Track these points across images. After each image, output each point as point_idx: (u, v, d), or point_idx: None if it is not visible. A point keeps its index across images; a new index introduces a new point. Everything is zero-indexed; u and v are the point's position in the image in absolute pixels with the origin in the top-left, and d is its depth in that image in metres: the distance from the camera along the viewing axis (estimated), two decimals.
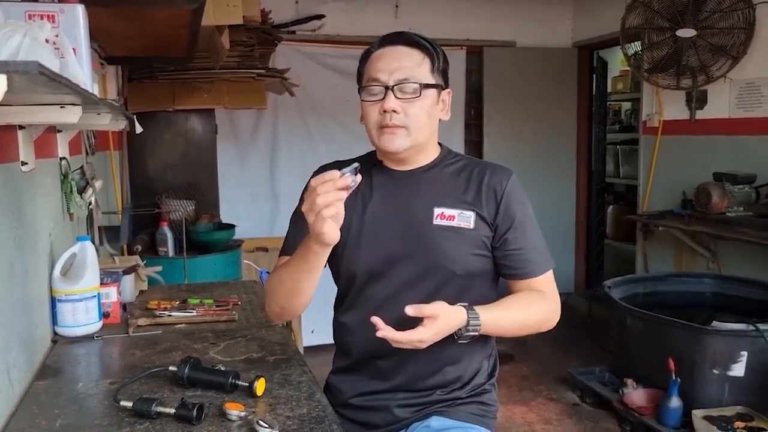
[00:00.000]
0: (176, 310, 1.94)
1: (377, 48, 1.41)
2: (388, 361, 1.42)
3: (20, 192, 1.47)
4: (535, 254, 1.42)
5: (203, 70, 3.47)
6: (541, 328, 1.43)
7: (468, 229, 1.38)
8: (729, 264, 3.77)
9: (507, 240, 1.40)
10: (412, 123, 1.36)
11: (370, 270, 1.41)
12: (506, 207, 1.40)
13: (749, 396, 2.89)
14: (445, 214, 1.38)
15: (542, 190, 5.08)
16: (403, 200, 1.41)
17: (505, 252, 1.41)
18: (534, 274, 1.42)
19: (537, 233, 1.44)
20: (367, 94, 1.38)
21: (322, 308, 1.51)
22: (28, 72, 0.62)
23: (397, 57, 1.38)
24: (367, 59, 1.42)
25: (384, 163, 1.47)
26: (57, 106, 1.10)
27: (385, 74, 1.35)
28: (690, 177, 3.90)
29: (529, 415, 3.38)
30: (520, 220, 1.41)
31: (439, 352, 1.39)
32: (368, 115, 1.38)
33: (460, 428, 1.41)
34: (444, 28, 4.80)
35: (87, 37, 1.27)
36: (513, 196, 1.41)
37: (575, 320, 4.75)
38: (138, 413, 1.22)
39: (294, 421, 1.22)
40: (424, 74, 1.38)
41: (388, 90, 1.34)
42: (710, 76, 3.73)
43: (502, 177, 1.43)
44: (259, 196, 4.54)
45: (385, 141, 1.37)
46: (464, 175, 1.44)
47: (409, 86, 1.35)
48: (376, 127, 1.37)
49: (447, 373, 1.44)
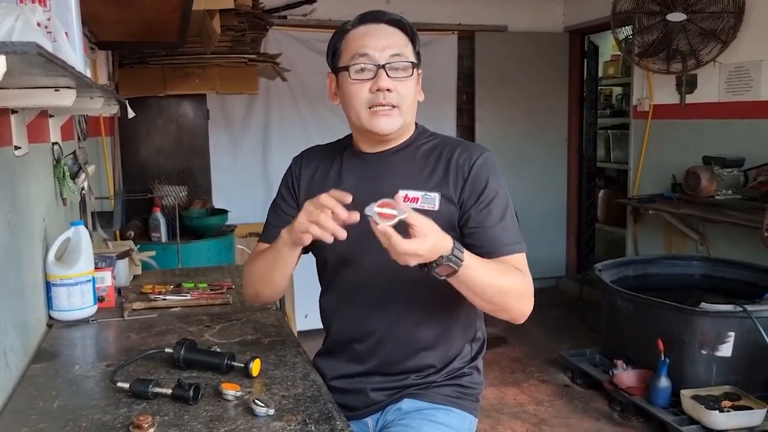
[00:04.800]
0: (171, 294, 1.95)
1: (357, 25, 1.37)
2: (364, 345, 1.43)
3: (13, 177, 1.47)
4: (502, 233, 1.33)
5: (194, 56, 3.45)
6: (513, 307, 1.31)
7: (432, 210, 1.32)
8: (717, 246, 3.81)
9: (471, 216, 1.34)
10: (404, 102, 1.34)
11: (341, 255, 1.40)
12: (473, 184, 1.34)
13: (736, 375, 2.94)
14: (409, 196, 1.34)
15: (534, 174, 5.11)
16: (371, 184, 1.36)
17: (470, 229, 1.34)
18: (500, 253, 1.32)
19: (509, 214, 1.36)
20: (355, 72, 1.33)
21: (315, 293, 1.52)
22: (26, 52, 0.63)
23: (384, 35, 1.34)
24: (345, 36, 1.37)
25: (356, 145, 1.45)
26: (51, 90, 1.10)
27: (376, 51, 1.31)
28: (679, 161, 3.93)
29: (521, 396, 3.43)
30: (487, 197, 1.34)
31: (415, 337, 1.41)
32: (355, 94, 1.33)
33: (430, 410, 1.41)
34: (436, 13, 4.79)
35: (79, 20, 1.28)
36: (482, 173, 1.35)
37: (566, 303, 4.80)
38: (135, 394, 1.24)
39: (289, 400, 1.24)
40: (409, 53, 1.36)
41: (379, 68, 1.31)
42: (700, 61, 3.75)
43: (472, 153, 1.37)
44: (252, 181, 4.55)
45: (378, 122, 1.33)
46: (435, 155, 1.40)
47: (402, 64, 1.33)
48: (365, 107, 1.33)
49: (422, 358, 1.42)
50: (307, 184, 1.46)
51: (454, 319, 1.44)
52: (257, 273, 1.42)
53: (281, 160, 4.36)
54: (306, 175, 1.48)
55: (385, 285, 1.39)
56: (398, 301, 1.40)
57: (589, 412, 3.24)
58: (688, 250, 4.00)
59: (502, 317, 1.34)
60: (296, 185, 1.48)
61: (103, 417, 1.17)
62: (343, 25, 1.39)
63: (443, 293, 1.29)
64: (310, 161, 1.49)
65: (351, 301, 1.44)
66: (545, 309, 1.48)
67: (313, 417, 1.17)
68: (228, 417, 1.17)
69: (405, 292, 1.39)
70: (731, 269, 3.55)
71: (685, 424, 2.82)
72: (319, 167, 1.47)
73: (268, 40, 4.21)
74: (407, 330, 1.41)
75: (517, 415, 3.21)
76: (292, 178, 1.49)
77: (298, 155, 1.52)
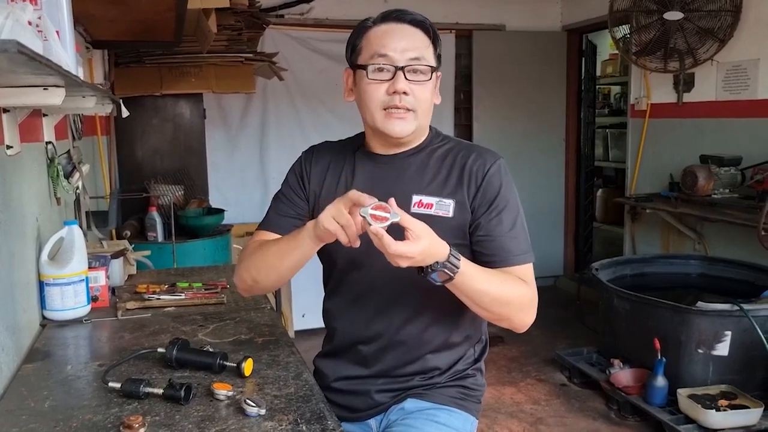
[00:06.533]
0: (165, 294, 1.95)
1: (380, 22, 1.34)
2: (370, 348, 1.42)
3: (5, 176, 1.47)
4: (511, 243, 1.32)
5: (191, 54, 3.44)
6: (513, 317, 1.31)
7: (446, 217, 1.32)
8: (715, 245, 3.81)
9: (480, 224, 1.33)
10: (420, 106, 1.32)
11: (350, 258, 1.39)
12: (485, 191, 1.33)
13: (733, 375, 2.94)
14: (423, 202, 1.33)
15: (531, 173, 5.11)
16: (383, 187, 1.33)
17: (478, 237, 1.33)
18: (507, 263, 1.32)
19: (518, 223, 1.35)
20: (374, 72, 1.30)
21: (313, 293, 1.52)
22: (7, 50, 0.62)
23: (406, 35, 1.31)
24: (365, 33, 1.34)
25: (369, 146, 1.42)
26: (40, 88, 1.09)
27: (396, 52, 1.29)
28: (677, 159, 3.93)
29: (518, 395, 3.43)
30: (498, 206, 1.33)
31: (422, 340, 1.40)
32: (371, 94, 1.31)
33: (433, 410, 1.41)
34: (433, 12, 4.70)
35: (70, 19, 1.27)
36: (494, 180, 1.34)
37: (564, 302, 4.79)
38: (126, 394, 1.23)
39: (281, 399, 1.24)
40: (430, 56, 1.33)
41: (398, 70, 1.28)
42: (697, 59, 3.75)
43: (486, 160, 1.36)
44: (249, 180, 4.54)
45: (392, 125, 1.31)
46: (449, 160, 1.38)
47: (421, 67, 1.30)
48: (380, 108, 1.31)
49: (428, 361, 1.42)
50: (319, 179, 1.45)
51: (460, 323, 1.44)
52: (265, 261, 1.36)
53: (278, 160, 4.37)
54: (317, 171, 1.45)
55: (393, 289, 1.37)
56: (406, 305, 1.39)
57: (586, 411, 3.24)
58: (685, 249, 3.99)
59: (502, 326, 1.34)
60: (306, 178, 1.46)
61: (93, 417, 1.17)
62: (364, 21, 1.36)
63: (450, 297, 1.28)
64: (321, 157, 1.47)
65: (358, 304, 1.43)
66: (542, 308, 1.45)
67: (305, 417, 1.17)
68: (219, 417, 1.16)
69: (414, 296, 1.37)
70: (728, 268, 3.56)
71: (682, 423, 2.82)
72: (331, 164, 1.45)
73: (264, 39, 4.20)
74: (414, 334, 1.40)
75: (514, 415, 3.21)
76: (302, 171, 1.47)
77: (309, 149, 1.50)
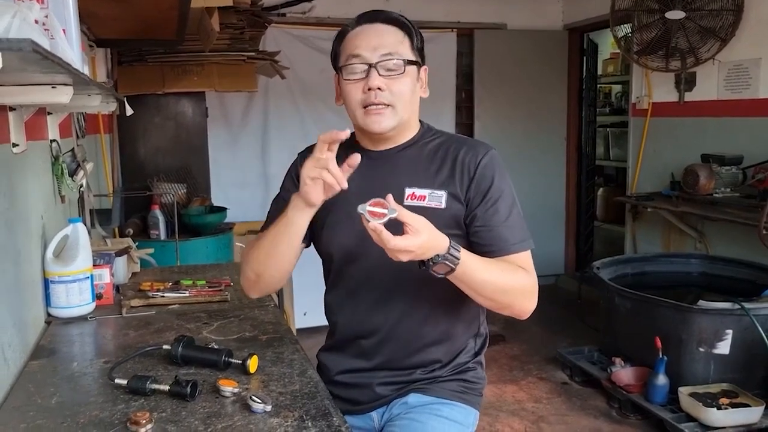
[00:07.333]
0: (169, 291, 1.96)
1: (354, 26, 1.38)
2: (370, 340, 1.43)
3: (11, 174, 1.48)
4: (508, 232, 1.34)
5: (193, 53, 3.45)
6: (515, 304, 1.34)
7: (439, 209, 1.34)
8: (716, 244, 3.82)
9: (476, 215, 1.35)
10: (397, 100, 1.34)
11: (346, 251, 1.41)
12: (479, 183, 1.35)
13: (734, 373, 2.95)
14: (416, 194, 1.36)
15: (533, 172, 5.11)
16: (377, 181, 1.36)
17: (475, 228, 1.35)
18: (505, 252, 1.34)
19: (515, 212, 1.37)
20: (348, 73, 1.34)
21: (314, 291, 1.52)
22: (22, 49, 0.63)
23: (377, 33, 1.35)
24: (344, 38, 1.38)
25: (361, 143, 1.44)
26: (48, 87, 1.10)
27: (368, 51, 1.32)
28: (678, 158, 3.94)
29: (520, 393, 3.43)
30: (492, 196, 1.35)
31: (421, 332, 1.42)
32: (350, 94, 1.35)
33: (436, 404, 1.42)
34: (435, 11, 4.79)
35: (76, 18, 1.27)
36: (487, 171, 1.36)
37: (565, 301, 4.80)
38: (133, 390, 1.24)
39: (286, 396, 1.25)
40: (405, 50, 1.36)
41: (371, 67, 1.32)
42: (699, 58, 3.75)
43: (478, 152, 1.38)
44: (251, 178, 4.55)
45: (371, 121, 1.34)
46: (441, 153, 1.40)
47: (393, 62, 1.33)
48: (359, 107, 1.34)
49: (428, 353, 1.43)
50: None
51: (459, 315, 1.45)
52: (261, 249, 1.38)
53: (280, 158, 4.37)
54: None
55: (391, 281, 1.39)
56: (404, 297, 1.40)
57: (587, 409, 3.25)
58: (686, 248, 4.00)
59: (505, 314, 1.36)
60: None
61: (100, 413, 1.18)
62: (344, 27, 1.40)
63: (448, 289, 1.30)
64: None
65: (357, 297, 1.44)
66: (544, 307, 1.47)
67: (310, 413, 1.18)
68: (225, 413, 1.17)
69: (411, 288, 1.39)
70: (729, 267, 3.56)
71: (683, 421, 2.82)
72: None
73: (266, 37, 4.21)
74: (413, 326, 1.41)
75: (515, 413, 3.22)
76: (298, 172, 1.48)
77: (304, 150, 1.51)
